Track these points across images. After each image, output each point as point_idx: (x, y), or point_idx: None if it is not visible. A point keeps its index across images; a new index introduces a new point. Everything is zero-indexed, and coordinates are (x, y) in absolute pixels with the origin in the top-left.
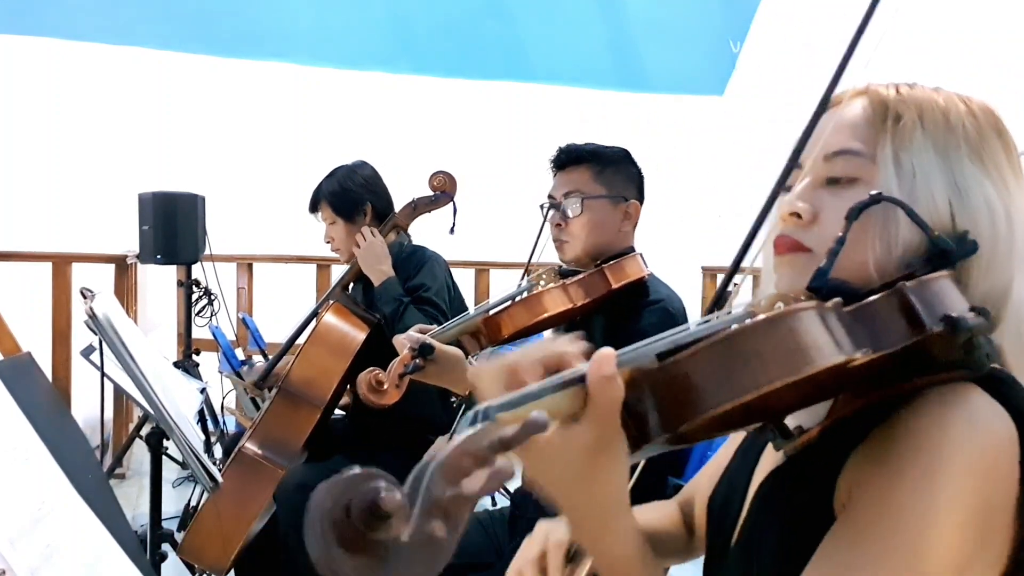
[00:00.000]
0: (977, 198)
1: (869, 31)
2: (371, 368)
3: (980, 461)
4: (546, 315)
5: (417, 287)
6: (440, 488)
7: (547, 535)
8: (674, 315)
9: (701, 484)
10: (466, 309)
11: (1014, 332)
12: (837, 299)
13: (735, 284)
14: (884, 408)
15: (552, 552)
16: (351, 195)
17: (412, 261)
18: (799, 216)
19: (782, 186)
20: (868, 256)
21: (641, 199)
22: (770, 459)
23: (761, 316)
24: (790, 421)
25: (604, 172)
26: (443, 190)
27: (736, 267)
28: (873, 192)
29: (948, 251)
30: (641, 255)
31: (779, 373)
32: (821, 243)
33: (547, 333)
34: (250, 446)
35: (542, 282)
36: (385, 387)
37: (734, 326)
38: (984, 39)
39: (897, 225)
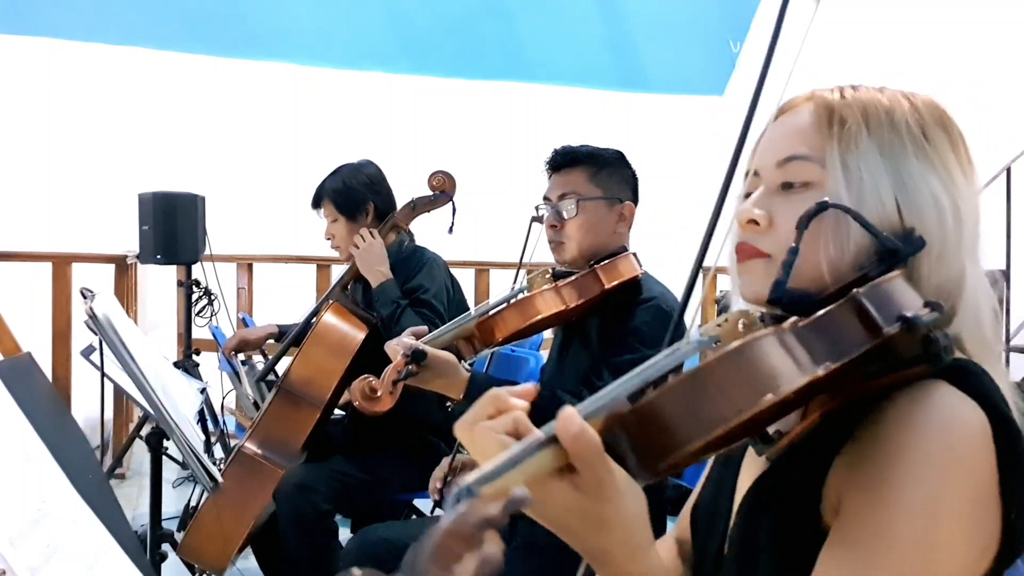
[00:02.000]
0: (923, 194)
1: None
2: (364, 376)
3: (960, 453)
4: (539, 317)
5: (415, 288)
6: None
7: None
8: (668, 313)
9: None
10: (468, 309)
11: (972, 321)
12: (794, 319)
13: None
14: (858, 408)
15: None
16: (354, 194)
17: (411, 262)
18: (756, 223)
19: (726, 192)
20: (822, 261)
21: (635, 200)
22: (753, 466)
23: (722, 350)
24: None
25: (599, 174)
26: (442, 190)
27: (695, 276)
28: (820, 200)
29: (896, 250)
30: (635, 254)
31: (746, 404)
32: (779, 248)
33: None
34: (250, 446)
35: (536, 284)
36: (379, 394)
37: (698, 361)
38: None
39: (848, 228)
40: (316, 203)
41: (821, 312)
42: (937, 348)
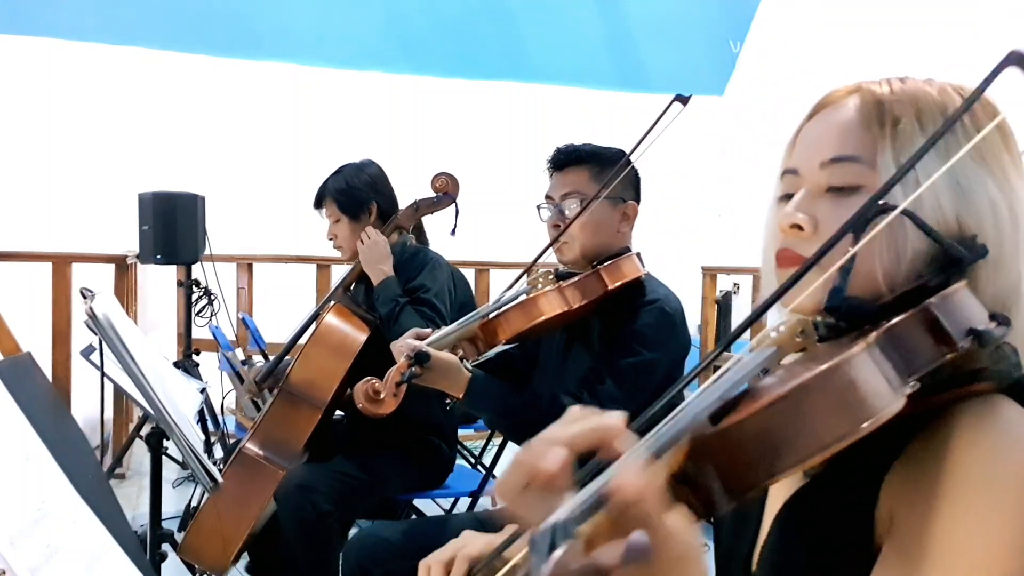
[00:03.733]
0: (980, 197)
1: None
2: (367, 378)
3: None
4: (542, 318)
5: (416, 288)
6: None
7: (462, 545)
8: (671, 315)
9: None
10: (474, 308)
11: None
12: (874, 331)
13: (735, 285)
14: (914, 423)
15: (458, 562)
16: (357, 194)
17: (414, 262)
18: (800, 228)
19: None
20: (877, 268)
21: (638, 200)
22: (787, 480)
23: (817, 369)
24: None
25: (603, 173)
26: (445, 191)
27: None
28: (880, 203)
29: (960, 258)
30: (638, 255)
31: (846, 430)
32: (829, 257)
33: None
34: (251, 446)
35: (539, 285)
36: (382, 396)
37: (789, 383)
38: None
39: (905, 234)
40: (318, 203)
41: (894, 321)
42: (1008, 364)
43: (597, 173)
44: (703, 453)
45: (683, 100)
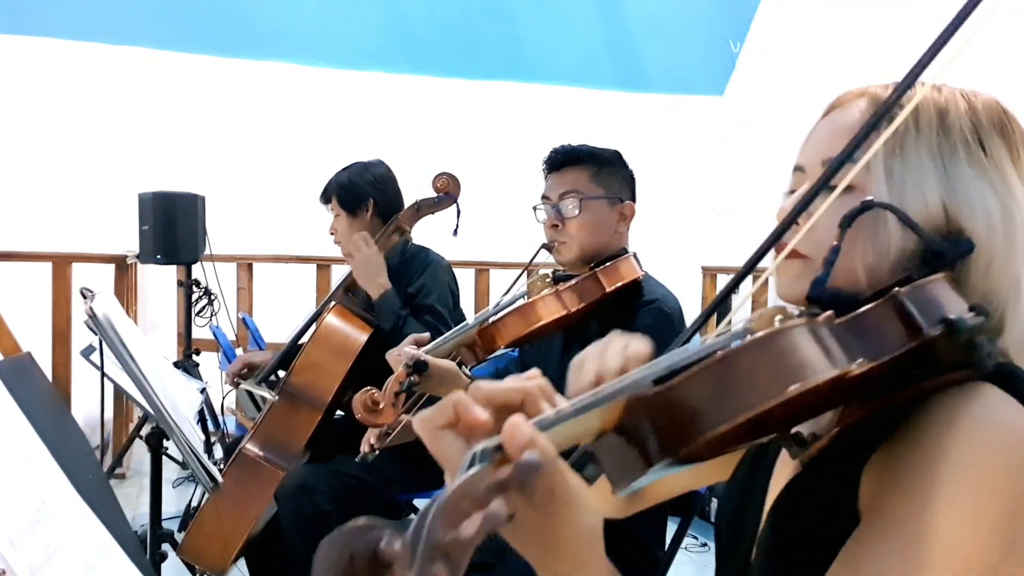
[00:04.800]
0: (973, 198)
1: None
2: (366, 388)
3: (1001, 459)
4: (541, 323)
5: (418, 291)
6: (440, 533)
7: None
8: (669, 315)
9: None
10: (464, 316)
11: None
12: (829, 312)
13: (735, 293)
14: (896, 412)
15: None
16: (357, 189)
17: (414, 263)
18: (796, 223)
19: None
20: (858, 263)
21: (634, 200)
22: (786, 470)
23: (753, 336)
24: (804, 428)
25: (601, 173)
26: (446, 191)
27: (748, 270)
28: (865, 199)
29: (941, 253)
30: (635, 255)
31: (772, 392)
32: (817, 249)
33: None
34: (251, 447)
35: (536, 288)
36: (381, 406)
37: (729, 346)
38: None
39: (889, 231)
40: (325, 197)
41: (860, 310)
42: (981, 354)
43: (595, 173)
44: (639, 409)
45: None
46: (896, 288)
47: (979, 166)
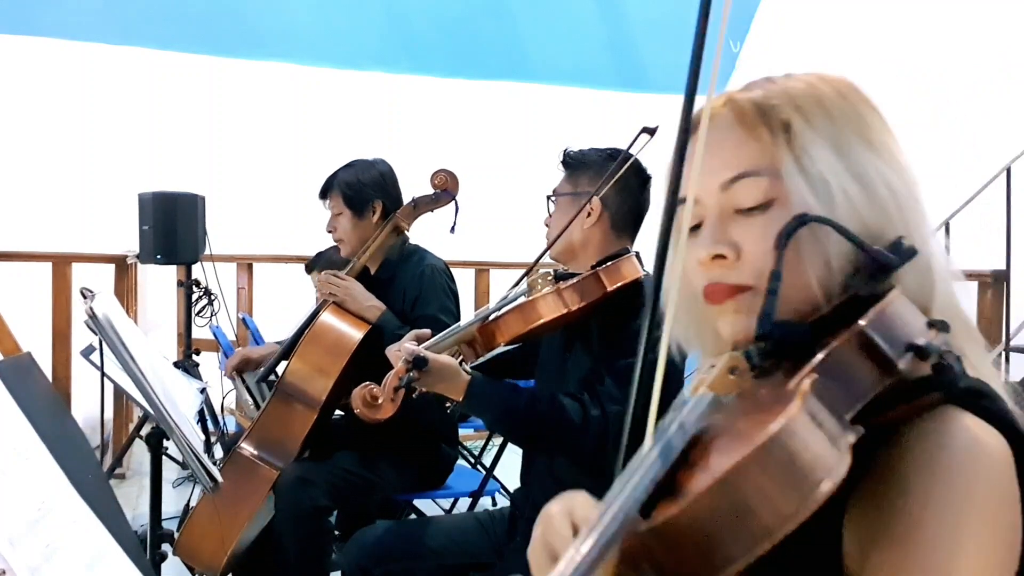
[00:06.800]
0: (879, 185)
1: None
2: (365, 383)
3: (992, 490)
4: (541, 321)
5: (415, 300)
6: None
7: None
8: None
9: None
10: (459, 317)
11: (950, 306)
12: (813, 377)
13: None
14: (867, 447)
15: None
16: (365, 190)
17: (411, 264)
18: (724, 257)
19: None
20: (811, 279)
21: (614, 199)
22: None
23: (752, 446)
24: None
25: (575, 172)
26: (444, 188)
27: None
28: (796, 214)
29: (889, 265)
30: (637, 255)
31: (794, 507)
32: (758, 277)
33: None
34: (246, 446)
35: (538, 286)
36: (380, 401)
37: (723, 462)
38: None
39: (827, 241)
40: (324, 193)
41: (824, 354)
42: (951, 375)
43: (571, 172)
44: (641, 558)
45: (650, 132)
46: (859, 321)
47: (870, 147)
